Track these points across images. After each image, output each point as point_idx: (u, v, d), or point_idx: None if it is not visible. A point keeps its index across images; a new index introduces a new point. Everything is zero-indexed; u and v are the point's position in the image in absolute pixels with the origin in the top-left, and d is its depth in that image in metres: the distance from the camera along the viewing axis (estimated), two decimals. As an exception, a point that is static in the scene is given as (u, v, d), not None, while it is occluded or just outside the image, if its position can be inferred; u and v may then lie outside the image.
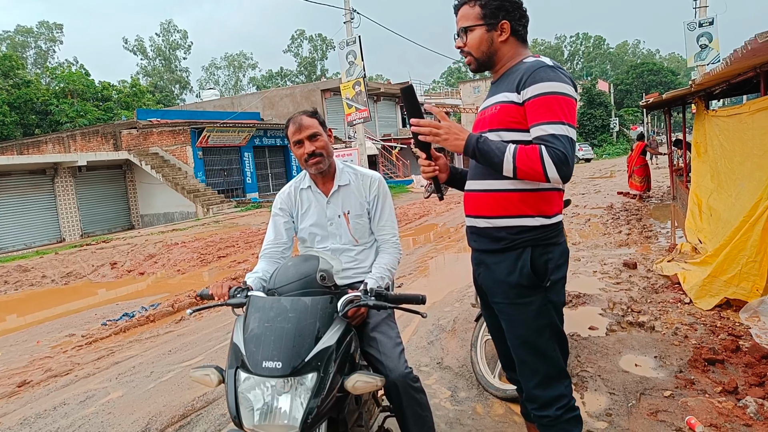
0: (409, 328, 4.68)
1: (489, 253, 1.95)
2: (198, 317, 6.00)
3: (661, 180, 16.46)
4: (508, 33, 1.88)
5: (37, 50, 55.72)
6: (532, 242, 1.84)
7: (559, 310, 1.94)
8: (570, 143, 1.69)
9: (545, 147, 1.68)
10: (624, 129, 50.63)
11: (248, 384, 1.62)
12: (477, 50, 1.92)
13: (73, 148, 22.72)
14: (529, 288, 1.85)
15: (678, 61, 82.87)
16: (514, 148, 1.72)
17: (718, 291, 4.49)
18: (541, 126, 1.71)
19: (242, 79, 77.30)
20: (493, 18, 1.86)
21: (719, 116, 6.49)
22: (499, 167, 1.73)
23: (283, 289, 1.89)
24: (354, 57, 17.67)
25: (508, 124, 1.81)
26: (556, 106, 1.70)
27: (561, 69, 1.78)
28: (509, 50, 1.91)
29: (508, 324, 1.96)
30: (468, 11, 1.90)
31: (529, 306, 1.87)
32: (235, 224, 15.49)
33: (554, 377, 1.92)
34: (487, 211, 1.91)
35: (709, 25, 14.67)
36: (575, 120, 1.76)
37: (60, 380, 4.45)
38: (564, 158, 1.66)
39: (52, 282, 9.66)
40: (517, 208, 1.84)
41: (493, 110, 1.86)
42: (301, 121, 2.28)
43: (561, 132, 1.69)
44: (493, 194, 1.88)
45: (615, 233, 8.56)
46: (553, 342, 1.91)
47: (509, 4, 1.87)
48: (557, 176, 1.68)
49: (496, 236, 1.89)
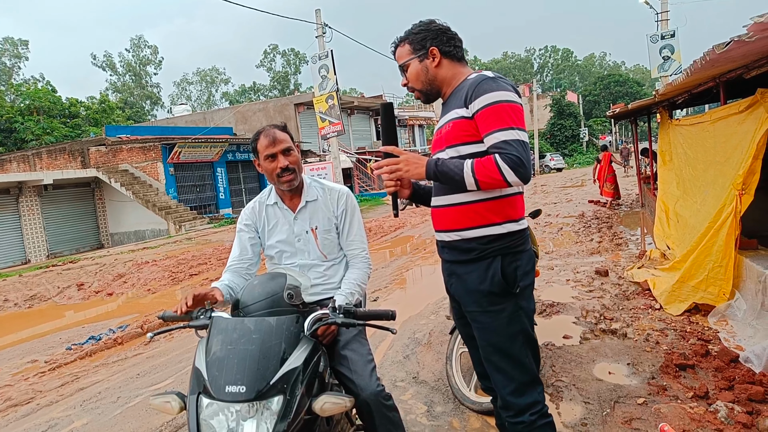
0: (384, 343, 4.63)
1: (460, 264, 2.00)
2: (168, 338, 5.83)
3: (630, 188, 16.83)
4: (438, 57, 1.99)
5: (1, 67, 54.30)
6: (502, 251, 1.90)
7: (530, 317, 1.99)
8: (521, 145, 1.77)
9: (499, 154, 1.76)
10: (593, 139, 51.78)
11: (211, 410, 1.55)
12: (417, 81, 2.03)
13: (39, 166, 22.10)
14: (500, 295, 1.90)
15: (643, 73, 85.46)
16: (471, 162, 1.79)
17: (686, 296, 4.57)
18: (493, 134, 1.79)
19: (215, 95, 76.72)
20: (421, 48, 1.99)
21: (682, 125, 6.67)
22: (462, 184, 1.81)
23: (250, 308, 1.83)
24: (326, 71, 17.68)
25: (463, 138, 1.90)
26: (503, 113, 1.79)
27: (502, 78, 1.88)
28: (447, 72, 2.01)
29: (480, 332, 1.99)
30: (401, 51, 2.05)
31: (501, 313, 1.92)
32: (208, 241, 15.23)
33: (528, 383, 1.95)
34: (454, 224, 1.96)
35: (671, 38, 15.17)
36: (524, 123, 1.84)
37: (20, 409, 4.25)
38: (518, 161, 1.74)
39: (14, 306, 9.28)
40: (484, 218, 1.90)
41: (448, 128, 1.95)
42: (275, 134, 2.24)
43: (512, 137, 1.77)
44: (459, 207, 1.94)
45: (587, 241, 8.68)
46: (526, 348, 1.95)
47: (432, 32, 1.99)
48: (516, 179, 1.75)
49: (467, 248, 1.94)
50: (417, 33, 2.00)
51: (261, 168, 2.31)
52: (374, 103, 32.54)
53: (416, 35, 2.00)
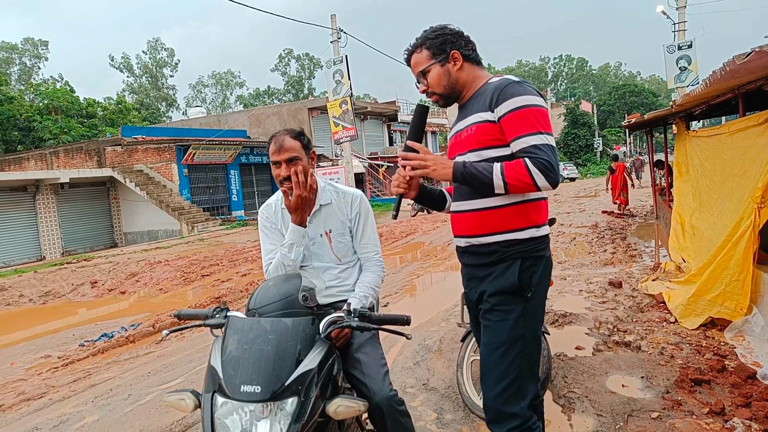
0: (394, 349, 4.61)
1: (480, 267, 2.00)
2: (180, 338, 5.86)
3: (644, 199, 16.67)
4: (460, 60, 1.99)
5: (21, 66, 55.30)
6: (522, 254, 1.90)
7: (537, 327, 1.96)
8: (551, 150, 1.77)
9: (529, 158, 1.75)
10: (607, 149, 51.47)
11: (226, 409, 1.56)
12: (439, 86, 2.02)
13: (56, 164, 22.43)
14: (511, 296, 1.90)
15: (658, 83, 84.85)
16: (500, 165, 1.78)
17: (702, 310, 4.50)
18: (522, 139, 1.79)
19: (229, 97, 77.42)
20: (442, 52, 1.98)
21: (700, 137, 6.60)
22: (490, 187, 1.80)
23: (264, 309, 1.83)
24: (341, 76, 17.80)
25: (487, 142, 1.89)
26: (531, 117, 1.79)
27: (527, 83, 1.87)
28: (468, 75, 2.01)
29: (485, 330, 1.98)
30: (418, 57, 2.03)
31: (509, 314, 1.91)
32: (220, 242, 15.32)
33: (514, 393, 1.89)
34: (476, 230, 1.96)
35: (688, 48, 15.07)
36: (551, 128, 1.84)
37: (33, 404, 4.29)
38: (549, 165, 1.74)
39: (29, 301, 9.40)
40: (508, 223, 1.90)
41: (469, 131, 1.94)
42: (283, 142, 2.21)
43: (541, 141, 1.77)
44: (482, 213, 1.94)
45: (600, 252, 8.60)
46: (523, 355, 1.91)
47: (451, 36, 1.98)
48: (546, 183, 1.75)
49: (487, 251, 1.95)
50: (434, 38, 1.99)
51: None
52: (387, 109, 32.63)
53: (434, 40, 1.99)
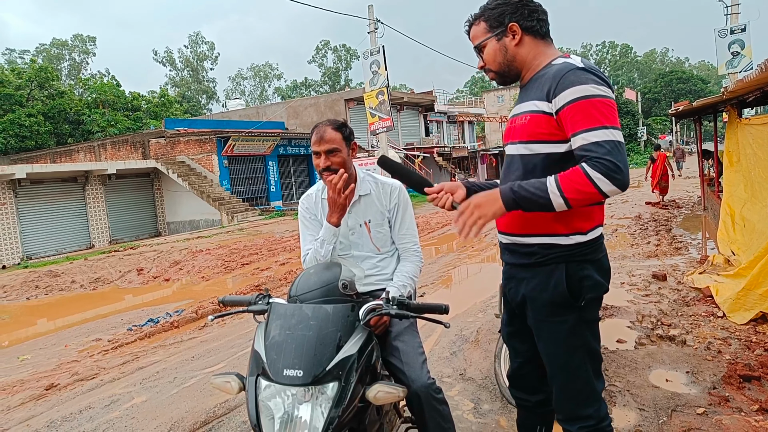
0: (431, 339, 4.63)
1: (520, 268, 1.87)
2: (221, 324, 6.04)
3: (691, 190, 16.06)
4: (519, 34, 1.78)
5: (71, 62, 57.55)
6: (567, 258, 1.74)
7: (594, 329, 1.84)
8: (616, 147, 1.54)
9: (587, 162, 1.55)
10: (652, 138, 49.70)
11: (269, 392, 1.60)
12: (494, 63, 1.85)
13: (104, 156, 23.32)
14: (563, 306, 1.76)
15: (708, 69, 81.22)
16: (554, 179, 1.58)
17: (753, 305, 4.33)
18: (582, 135, 1.58)
19: (267, 89, 78.50)
20: (500, 25, 1.79)
21: (753, 124, 6.30)
22: (549, 206, 1.59)
23: (305, 296, 1.87)
24: (378, 67, 17.77)
25: (539, 136, 1.71)
26: (593, 110, 1.58)
27: (593, 68, 1.66)
28: (529, 51, 1.80)
29: (540, 341, 1.88)
30: (476, 30, 1.86)
31: (562, 325, 1.78)
32: (259, 232, 15.64)
33: (584, 398, 1.83)
34: (517, 228, 1.83)
35: (741, 32, 14.34)
36: (617, 121, 1.61)
37: (86, 384, 4.52)
38: (612, 165, 1.51)
39: (80, 287, 9.87)
40: (549, 227, 1.75)
41: (523, 120, 1.77)
42: (323, 133, 2.23)
43: (604, 138, 1.55)
44: (525, 212, 1.76)
45: (643, 244, 8.36)
46: (586, 362, 1.81)
47: (511, 6, 1.78)
48: (613, 187, 1.52)
49: (527, 252, 1.82)
50: (494, 8, 1.80)
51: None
52: (424, 99, 32.42)
53: (493, 11, 1.80)
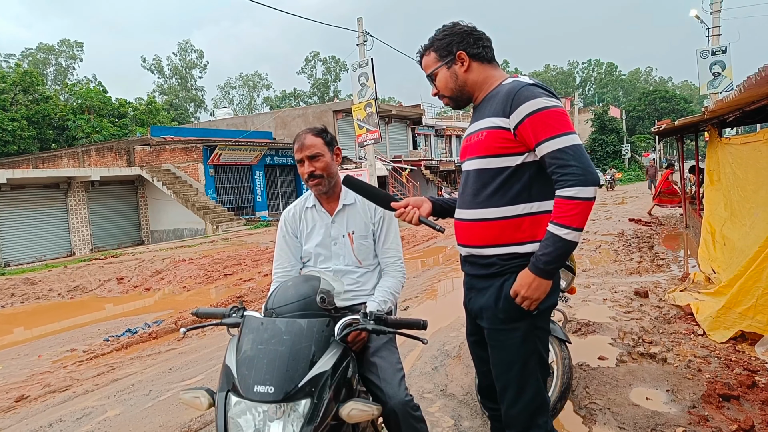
0: (413, 353, 4.58)
1: (478, 278, 1.94)
2: (201, 335, 5.93)
3: (674, 208, 16.26)
4: (467, 61, 1.89)
5: (57, 67, 57.07)
6: (521, 268, 1.80)
7: (544, 339, 1.92)
8: (577, 150, 1.69)
9: (557, 185, 1.69)
10: (636, 156, 50.41)
11: (239, 409, 1.56)
12: (447, 89, 1.95)
13: (88, 162, 23.03)
14: (515, 315, 1.83)
15: (691, 89, 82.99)
16: (552, 225, 1.70)
17: (732, 323, 4.35)
18: (545, 144, 1.71)
19: (256, 99, 78.50)
20: (448, 54, 1.90)
21: (732, 144, 6.40)
22: (570, 244, 1.68)
23: (281, 309, 1.83)
24: (366, 79, 17.85)
25: (495, 150, 1.81)
26: (550, 120, 1.70)
27: (542, 85, 1.79)
28: (478, 76, 1.91)
29: (493, 350, 1.94)
30: (427, 60, 1.96)
31: (515, 332, 1.85)
32: (244, 242, 15.50)
33: (536, 408, 1.88)
34: (477, 240, 1.90)
35: (722, 54, 14.68)
36: (572, 126, 1.75)
37: (58, 396, 4.39)
38: (580, 171, 1.66)
39: (58, 296, 9.66)
40: (509, 236, 1.83)
41: (479, 136, 1.86)
42: (304, 139, 2.26)
43: (565, 144, 1.69)
44: (484, 223, 1.87)
45: (626, 260, 8.42)
46: (537, 371, 1.88)
47: (458, 36, 1.89)
48: (590, 189, 1.66)
49: (486, 263, 1.89)
50: (441, 39, 1.91)
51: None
52: (412, 112, 32.61)
53: (441, 41, 1.91)
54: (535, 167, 1.79)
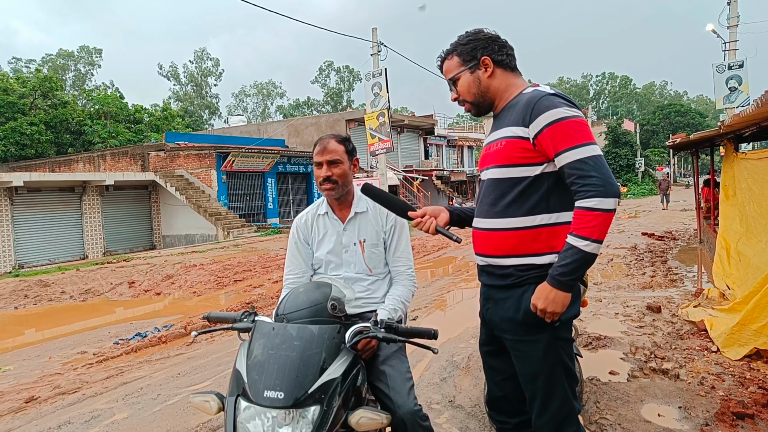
0: (421, 364, 4.55)
1: (496, 289, 1.93)
2: (210, 340, 5.95)
3: (688, 222, 16.09)
4: (491, 67, 1.89)
5: (76, 73, 58.02)
6: (541, 278, 1.78)
7: (568, 349, 1.90)
8: (597, 161, 1.66)
9: (576, 196, 1.67)
10: (650, 169, 50.00)
11: (248, 413, 1.56)
12: (469, 94, 1.94)
13: (103, 167, 23.33)
14: (536, 325, 1.81)
15: (706, 104, 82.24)
16: (571, 237, 1.68)
17: (747, 340, 4.28)
18: (564, 154, 1.69)
19: (270, 107, 79.10)
20: (472, 59, 1.89)
21: (749, 159, 6.33)
22: (589, 257, 1.66)
23: (292, 315, 1.83)
24: (379, 89, 17.94)
25: (514, 159, 1.80)
26: (570, 130, 1.69)
27: (562, 94, 1.77)
28: (501, 83, 1.91)
29: (518, 361, 1.93)
30: (450, 64, 1.96)
31: (538, 344, 1.84)
32: (254, 249, 15.56)
33: (564, 417, 1.87)
34: (494, 250, 1.89)
35: (739, 68, 14.55)
36: (593, 137, 1.72)
37: (67, 398, 4.42)
38: (600, 182, 1.63)
39: (70, 298, 9.76)
40: (526, 247, 1.81)
41: (498, 146, 1.85)
42: (327, 144, 2.29)
43: (585, 154, 1.67)
44: (501, 233, 1.86)
45: (639, 275, 8.32)
46: (563, 381, 1.87)
47: (482, 41, 1.89)
48: (610, 201, 1.63)
49: (503, 273, 1.88)
50: (466, 44, 1.91)
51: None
52: (424, 123, 32.68)
53: (465, 46, 1.90)
54: (554, 178, 1.78)
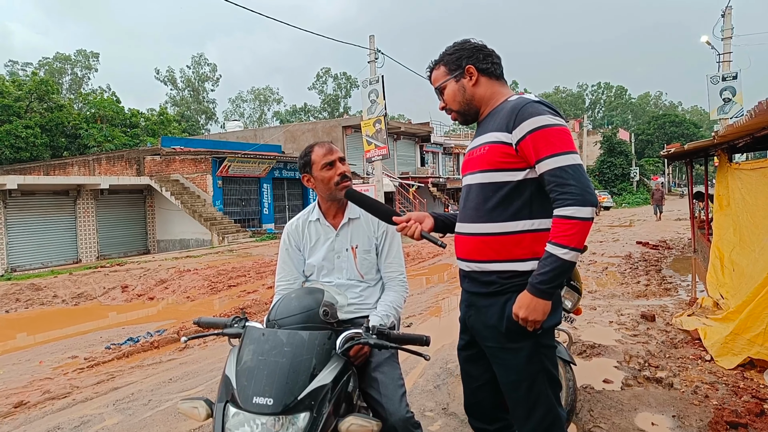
0: (415, 371, 4.53)
1: (479, 296, 1.92)
2: (203, 346, 5.91)
3: (682, 231, 16.16)
4: (476, 75, 1.92)
5: (72, 76, 57.96)
6: (522, 287, 1.77)
7: (551, 356, 1.91)
8: (577, 170, 1.69)
9: (555, 204, 1.69)
10: (644, 179, 50.26)
11: (237, 420, 1.54)
12: (454, 102, 1.97)
13: (98, 171, 23.25)
14: (519, 333, 1.81)
15: (700, 114, 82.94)
16: (550, 245, 1.69)
17: (741, 350, 4.28)
18: (545, 161, 1.71)
19: (267, 113, 79.21)
20: (457, 68, 1.93)
21: (742, 169, 6.37)
22: (568, 264, 1.66)
23: (284, 321, 1.81)
24: (376, 96, 17.98)
25: (497, 164, 1.82)
26: (552, 138, 1.71)
27: (547, 103, 1.80)
28: (485, 91, 1.93)
29: (499, 369, 1.92)
30: (437, 74, 2.00)
31: (520, 352, 1.84)
32: (249, 254, 15.51)
33: (550, 424, 1.86)
34: (477, 255, 1.89)
35: (733, 79, 14.69)
36: (574, 146, 1.75)
37: (57, 403, 4.37)
38: (578, 191, 1.65)
39: (62, 302, 9.68)
40: (509, 252, 1.82)
41: (482, 151, 1.87)
42: (330, 145, 2.33)
43: (565, 163, 1.69)
44: (484, 238, 1.86)
45: (633, 283, 8.34)
46: (547, 388, 1.86)
47: (467, 51, 1.93)
48: (588, 210, 1.65)
49: (486, 280, 1.87)
50: (452, 54, 1.95)
51: (314, 180, 2.31)
52: (421, 130, 32.76)
53: (451, 56, 1.94)
54: (537, 184, 1.79)
